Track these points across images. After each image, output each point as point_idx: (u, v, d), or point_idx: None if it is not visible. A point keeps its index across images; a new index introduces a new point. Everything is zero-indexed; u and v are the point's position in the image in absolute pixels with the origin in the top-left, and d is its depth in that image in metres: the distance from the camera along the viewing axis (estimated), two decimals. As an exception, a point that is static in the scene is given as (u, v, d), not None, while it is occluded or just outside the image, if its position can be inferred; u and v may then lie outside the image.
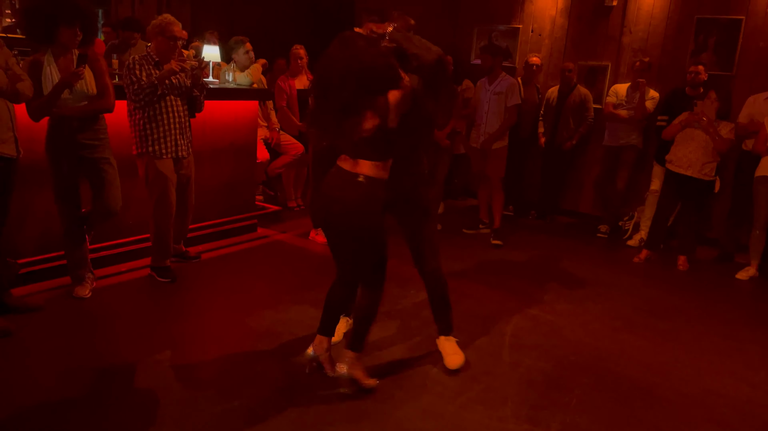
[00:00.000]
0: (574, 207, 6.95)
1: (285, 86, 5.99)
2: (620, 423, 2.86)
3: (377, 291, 2.97)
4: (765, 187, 4.96)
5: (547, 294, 4.48)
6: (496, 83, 5.59)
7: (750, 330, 4.11)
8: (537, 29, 6.95)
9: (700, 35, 5.98)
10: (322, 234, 5.24)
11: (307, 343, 3.41)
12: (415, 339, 3.58)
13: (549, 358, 3.47)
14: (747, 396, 3.22)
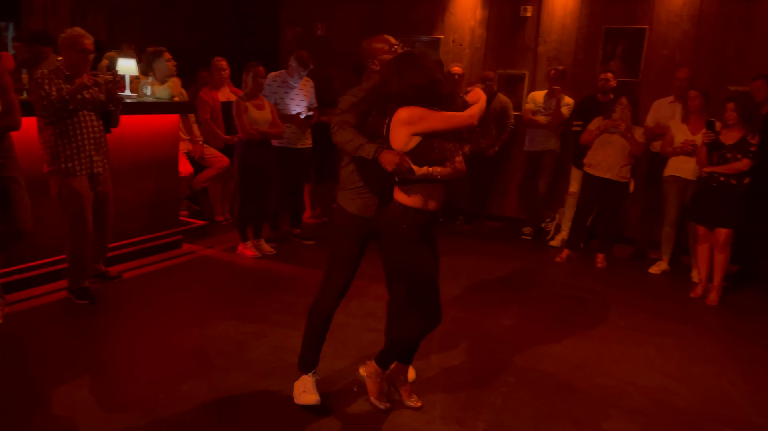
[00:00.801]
0: (499, 211, 7.16)
1: (208, 98, 5.89)
2: (542, 418, 2.97)
3: (431, 322, 2.86)
4: (673, 186, 5.27)
5: (474, 296, 4.59)
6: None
7: (663, 321, 4.34)
8: (458, 40, 7.14)
9: (608, 44, 6.32)
10: (250, 247, 5.20)
11: (235, 359, 3.37)
12: (344, 350, 3.58)
13: (475, 359, 3.56)
14: (659, 384, 3.40)
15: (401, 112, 2.59)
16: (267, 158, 5.13)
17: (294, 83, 5.49)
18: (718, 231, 4.68)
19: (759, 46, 5.68)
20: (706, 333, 4.21)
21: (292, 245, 5.63)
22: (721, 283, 4.78)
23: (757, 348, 3.99)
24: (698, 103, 5.04)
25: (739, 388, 3.42)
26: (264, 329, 3.78)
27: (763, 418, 3.11)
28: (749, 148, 4.53)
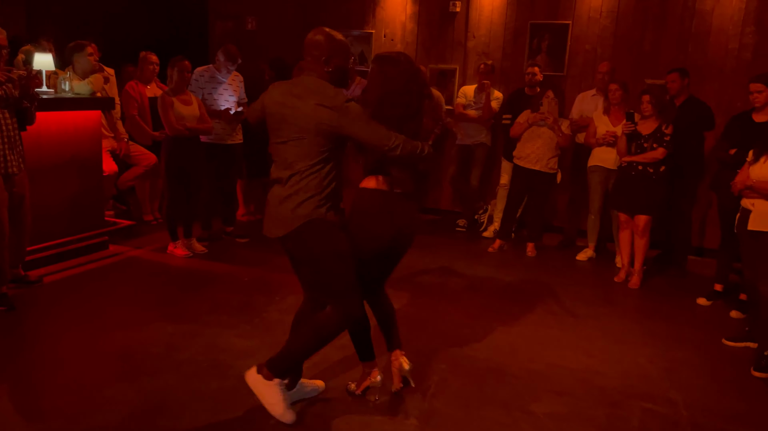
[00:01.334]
0: (435, 204, 7.26)
1: (135, 93, 5.70)
2: (473, 402, 3.04)
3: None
4: (597, 175, 5.48)
5: (409, 288, 4.64)
6: (352, 88, 5.71)
7: (588, 305, 4.52)
8: (389, 34, 7.18)
9: (534, 39, 6.50)
10: (181, 247, 5.08)
11: (164, 361, 3.29)
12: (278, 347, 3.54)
13: (409, 349, 3.57)
14: (585, 365, 3.54)
15: None
16: (195, 155, 5.01)
17: (222, 78, 5.39)
18: (638, 217, 4.91)
19: (672, 41, 5.98)
20: (628, 315, 4.41)
21: (224, 243, 5.53)
22: (642, 267, 5.02)
23: (675, 327, 4.22)
24: (618, 95, 5.26)
25: (658, 365, 3.60)
26: (195, 329, 3.70)
27: (680, 393, 3.29)
28: (664, 138, 4.77)
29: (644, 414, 3.06)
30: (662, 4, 5.99)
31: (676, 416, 3.06)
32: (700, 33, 5.88)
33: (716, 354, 3.84)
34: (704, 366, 3.65)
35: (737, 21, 5.74)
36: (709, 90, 5.75)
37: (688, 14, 5.90)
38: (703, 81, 5.75)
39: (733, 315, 4.45)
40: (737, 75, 5.75)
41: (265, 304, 4.16)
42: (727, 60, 5.80)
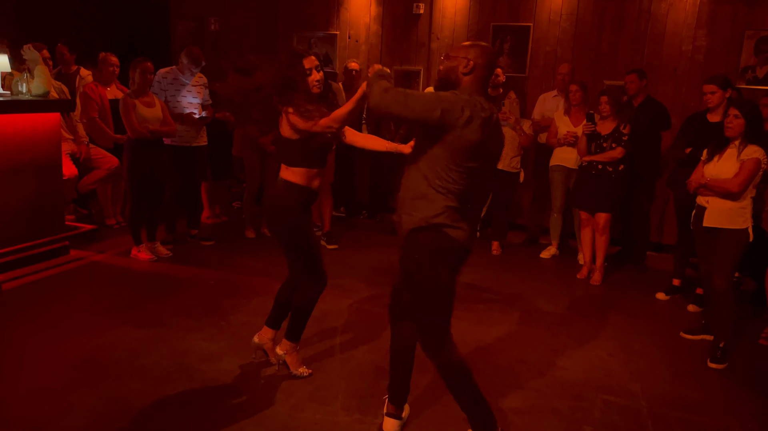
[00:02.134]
0: (401, 204, 7.29)
1: (94, 96, 5.59)
2: (440, 400, 3.07)
3: (314, 287, 3.15)
4: (558, 174, 5.60)
5: (377, 288, 4.66)
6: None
7: (552, 302, 4.62)
8: (353, 36, 7.20)
9: (497, 40, 6.60)
10: (144, 251, 5.00)
11: (129, 366, 3.24)
12: (245, 350, 3.54)
13: (378, 349, 3.63)
14: (548, 359, 3.63)
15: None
16: (159, 158, 4.95)
17: (186, 80, 5.33)
18: (598, 215, 5.04)
19: (628, 43, 6.15)
20: (590, 311, 4.52)
21: (189, 246, 5.47)
22: (603, 264, 5.14)
23: (635, 321, 4.34)
24: (578, 96, 5.38)
25: (619, 358, 3.71)
26: (160, 334, 3.66)
27: (640, 384, 3.39)
28: (622, 137, 4.90)
29: (605, 405, 3.14)
30: (619, 8, 6.16)
31: (636, 406, 3.16)
32: (655, 35, 6.06)
33: (674, 346, 3.96)
34: (663, 358, 3.76)
35: (690, 24, 5.93)
36: (664, 90, 5.93)
37: (643, 17, 6.08)
38: (658, 81, 5.93)
39: (690, 309, 4.60)
40: (690, 76, 5.94)
41: (231, 307, 4.13)
42: (681, 61, 5.99)
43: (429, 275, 2.49)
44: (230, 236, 5.85)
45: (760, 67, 5.70)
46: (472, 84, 2.45)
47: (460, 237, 2.47)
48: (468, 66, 2.44)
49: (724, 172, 3.71)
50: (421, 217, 2.44)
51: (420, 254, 2.47)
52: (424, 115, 2.31)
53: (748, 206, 3.70)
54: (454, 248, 2.48)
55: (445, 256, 2.48)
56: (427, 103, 2.32)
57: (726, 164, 3.72)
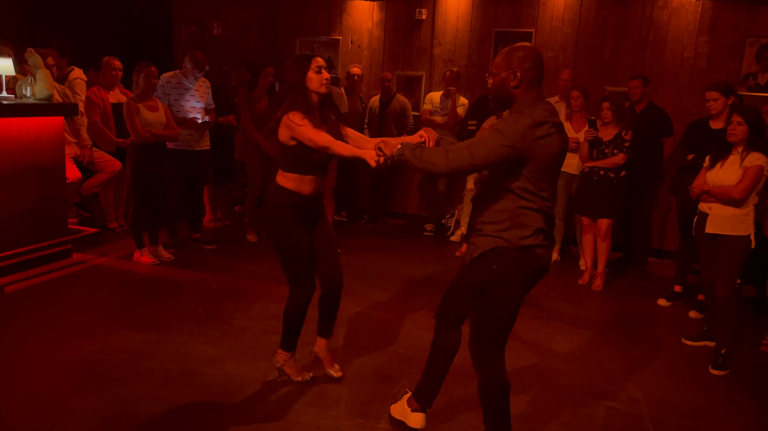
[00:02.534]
0: (402, 209, 7.31)
1: (97, 99, 5.62)
2: (443, 405, 3.07)
3: (299, 295, 3.13)
4: (560, 180, 5.59)
5: (378, 293, 4.67)
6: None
7: (553, 307, 4.62)
8: (356, 41, 7.22)
9: (499, 46, 6.61)
10: (147, 254, 5.01)
11: (131, 370, 3.25)
12: (247, 354, 3.54)
13: (379, 355, 3.63)
14: (550, 365, 3.63)
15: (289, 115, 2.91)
16: (162, 161, 4.96)
17: (189, 84, 5.34)
18: (600, 221, 5.04)
19: (630, 49, 6.17)
20: (591, 316, 4.52)
21: (191, 250, 5.47)
22: (604, 270, 5.15)
23: (636, 327, 4.34)
24: (580, 102, 5.40)
25: (620, 364, 3.71)
26: (162, 337, 3.66)
27: (641, 390, 3.39)
28: (624, 144, 4.91)
29: (608, 412, 3.15)
30: (621, 14, 6.18)
31: (638, 412, 3.16)
32: (656, 42, 6.08)
33: (676, 352, 3.96)
34: (664, 364, 3.76)
35: (692, 31, 5.95)
36: (666, 97, 5.95)
37: (645, 24, 6.10)
38: (659, 88, 5.94)
39: (692, 316, 4.60)
40: (692, 83, 5.96)
41: (233, 311, 4.14)
42: (683, 68, 6.01)
43: (504, 291, 2.42)
44: (232, 240, 5.86)
45: (761, 74, 5.72)
46: (526, 94, 2.35)
47: (545, 256, 2.43)
48: (516, 78, 2.34)
49: (727, 178, 3.71)
50: (509, 238, 2.36)
51: (500, 268, 2.39)
52: (497, 158, 2.27)
53: (751, 213, 3.71)
54: (537, 267, 2.43)
55: (525, 274, 2.42)
56: (493, 147, 2.26)
57: (729, 171, 3.72)
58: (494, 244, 2.39)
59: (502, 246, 2.38)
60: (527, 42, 2.85)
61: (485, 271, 2.43)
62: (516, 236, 2.36)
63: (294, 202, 3.01)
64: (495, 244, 2.39)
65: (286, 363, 3.21)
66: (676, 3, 5.98)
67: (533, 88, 2.37)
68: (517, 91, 2.37)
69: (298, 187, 3.00)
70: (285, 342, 3.20)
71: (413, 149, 2.43)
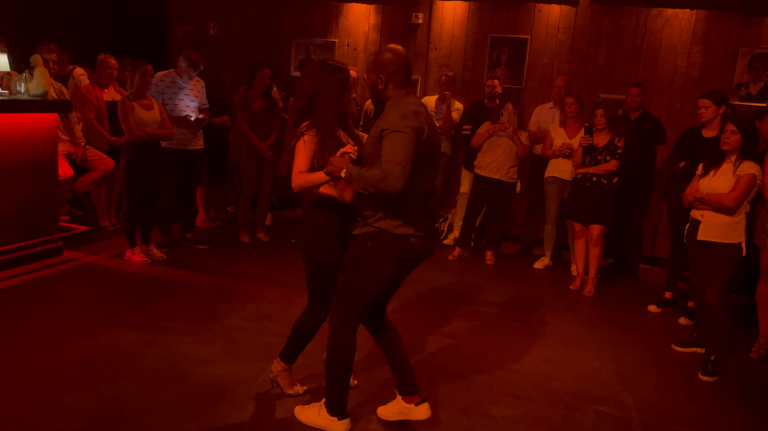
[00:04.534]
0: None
1: (92, 97, 5.60)
2: (432, 407, 3.07)
3: (318, 316, 2.97)
4: (553, 186, 5.64)
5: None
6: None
7: (545, 312, 4.64)
8: (352, 44, 7.24)
9: (494, 52, 6.65)
10: (139, 253, 4.99)
11: (123, 368, 3.24)
12: (239, 354, 3.54)
13: (372, 357, 3.61)
14: (541, 369, 3.64)
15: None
16: (155, 160, 4.95)
17: (183, 83, 5.34)
18: (592, 227, 5.07)
19: (624, 57, 6.22)
20: (583, 321, 4.54)
21: (183, 250, 5.45)
22: (596, 275, 5.17)
23: (627, 332, 4.37)
24: (574, 108, 5.43)
25: (610, 369, 3.73)
26: (154, 336, 3.64)
27: (631, 395, 3.41)
28: (617, 150, 4.95)
29: (597, 416, 3.16)
30: (616, 22, 6.23)
31: (628, 417, 3.18)
32: (650, 51, 6.13)
33: (666, 358, 3.99)
34: (654, 370, 3.79)
35: (686, 40, 6.01)
36: (659, 105, 6.00)
37: (639, 32, 6.15)
38: (653, 96, 5.99)
39: (682, 322, 4.63)
40: (685, 92, 6.01)
41: (226, 311, 4.13)
42: (676, 77, 6.06)
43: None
44: (225, 241, 5.84)
45: (753, 84, 5.78)
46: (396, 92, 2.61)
47: (419, 245, 2.72)
48: (382, 81, 2.60)
49: (719, 186, 3.74)
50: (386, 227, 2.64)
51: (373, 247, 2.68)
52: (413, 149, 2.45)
53: (742, 221, 3.74)
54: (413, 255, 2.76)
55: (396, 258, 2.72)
56: (409, 143, 2.43)
57: (722, 179, 3.75)
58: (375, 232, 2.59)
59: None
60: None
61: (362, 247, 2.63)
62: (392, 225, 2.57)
63: (337, 214, 2.80)
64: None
65: (280, 374, 3.08)
66: (670, 13, 6.04)
67: (401, 87, 2.60)
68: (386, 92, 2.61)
69: (338, 193, 2.75)
70: (285, 354, 3.05)
71: (358, 175, 2.51)
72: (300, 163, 2.73)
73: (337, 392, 2.78)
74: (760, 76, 5.76)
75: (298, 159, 2.74)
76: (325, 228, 2.81)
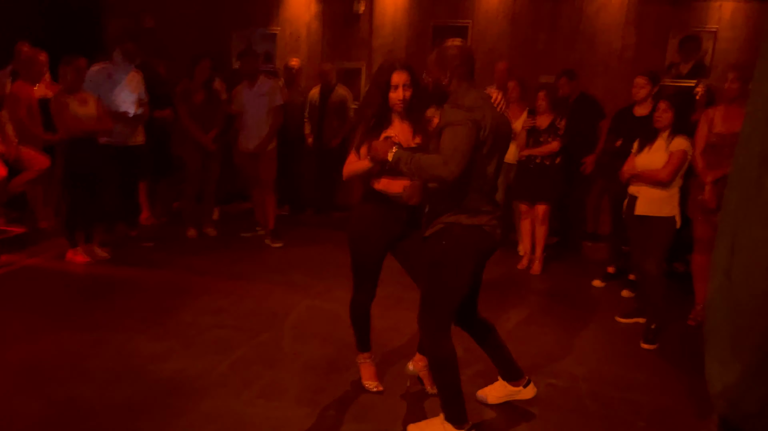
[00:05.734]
0: (347, 201, 7.31)
1: (22, 95, 5.35)
2: (392, 391, 3.13)
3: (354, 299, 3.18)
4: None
5: (326, 284, 4.68)
6: (257, 86, 5.65)
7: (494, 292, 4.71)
8: (294, 33, 7.17)
9: (437, 39, 6.71)
10: (81, 253, 4.84)
11: (73, 370, 3.15)
12: (194, 348, 3.49)
13: (328, 344, 3.65)
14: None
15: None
16: (95, 157, 4.80)
17: (120, 76, 5.18)
18: (537, 206, 5.21)
19: (563, 41, 6.39)
20: (531, 299, 4.68)
21: (129, 248, 5.31)
22: (542, 254, 5.33)
23: (573, 307, 4.53)
24: (516, 93, 5.55)
25: (561, 344, 3.86)
26: (103, 336, 3.55)
27: (579, 367, 3.55)
28: (558, 131, 5.09)
29: (549, 388, 3.27)
30: (554, 7, 6.38)
31: (577, 388, 3.31)
32: (587, 34, 6.32)
33: (611, 330, 4.16)
34: (600, 341, 3.95)
35: (620, 23, 6.21)
36: (597, 86, 6.19)
37: (576, 16, 6.32)
38: (592, 78, 6.18)
39: (624, 294, 4.83)
40: (620, 73, 6.22)
41: (177, 307, 4.06)
42: (612, 59, 6.27)
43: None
44: (171, 237, 5.72)
45: (683, 64, 6.03)
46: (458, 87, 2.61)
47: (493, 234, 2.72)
48: (447, 77, 2.61)
49: (654, 162, 3.91)
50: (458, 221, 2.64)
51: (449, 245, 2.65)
52: (472, 142, 2.44)
53: (676, 195, 3.92)
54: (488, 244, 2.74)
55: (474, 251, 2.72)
56: (469, 135, 2.42)
57: (656, 155, 3.92)
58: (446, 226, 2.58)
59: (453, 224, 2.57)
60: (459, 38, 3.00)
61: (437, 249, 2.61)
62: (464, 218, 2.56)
63: (385, 206, 2.84)
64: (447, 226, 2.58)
65: (364, 362, 3.19)
66: (604, -3, 6.24)
67: (464, 80, 2.60)
68: (450, 87, 2.60)
69: (406, 197, 2.79)
70: (357, 342, 3.21)
71: (409, 158, 2.51)
72: (351, 154, 2.81)
73: (454, 401, 2.69)
74: (689, 56, 6.02)
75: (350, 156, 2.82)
76: (371, 220, 2.86)
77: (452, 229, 2.58)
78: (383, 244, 2.93)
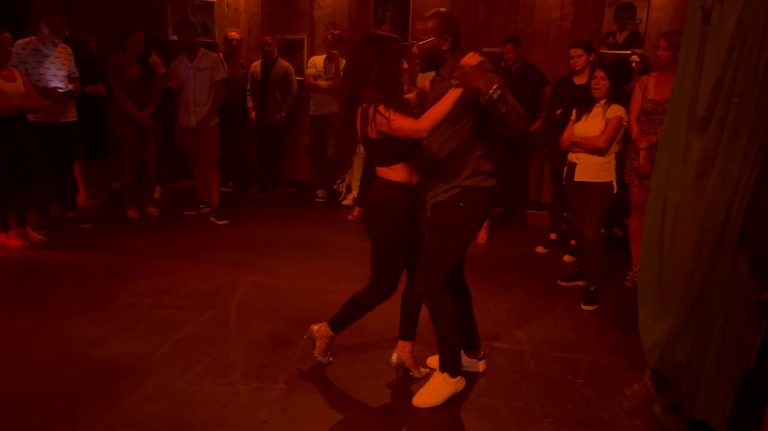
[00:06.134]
0: (293, 177, 7.24)
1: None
2: (339, 363, 3.15)
3: (378, 294, 3.02)
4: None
5: (271, 260, 4.64)
6: (197, 60, 5.48)
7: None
8: (232, 4, 6.96)
9: (378, 9, 6.64)
10: (14, 237, 4.64)
11: (9, 357, 3.04)
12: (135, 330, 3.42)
13: (274, 319, 3.64)
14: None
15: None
16: (24, 136, 4.58)
17: (48, 51, 4.92)
18: (482, 176, 5.28)
19: (503, 11, 6.42)
20: (477, 267, 4.75)
21: (66, 230, 5.13)
22: (488, 224, 5.41)
23: (518, 274, 4.64)
24: (458, 63, 5.55)
25: (503, 308, 3.96)
26: (40, 322, 3.44)
27: (522, 330, 3.66)
28: (500, 101, 5.13)
29: (494, 351, 3.36)
30: (494, -23, 6.39)
31: (520, 350, 3.41)
32: (526, 4, 6.36)
33: (553, 293, 4.28)
34: (543, 305, 4.06)
35: (558, -7, 6.28)
36: (537, 56, 6.26)
37: (515, -14, 6.35)
38: (531, 48, 6.24)
39: (566, 259, 4.97)
40: (559, 42, 6.31)
41: (116, 290, 3.95)
42: (551, 29, 6.35)
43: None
44: (111, 218, 5.55)
45: (620, 33, 6.16)
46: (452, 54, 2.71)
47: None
48: (447, 42, 2.69)
49: (591, 130, 4.00)
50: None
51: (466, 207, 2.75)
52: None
53: (613, 161, 4.03)
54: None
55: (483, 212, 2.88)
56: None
57: (593, 123, 4.02)
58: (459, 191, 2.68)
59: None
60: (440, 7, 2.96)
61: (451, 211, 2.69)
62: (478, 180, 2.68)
63: (407, 196, 2.75)
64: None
65: (322, 338, 3.08)
66: (543, -34, 6.27)
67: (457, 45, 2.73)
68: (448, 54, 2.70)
69: (408, 177, 2.73)
70: (335, 323, 3.06)
71: (507, 101, 2.60)
72: (404, 117, 2.61)
73: (454, 351, 2.87)
74: (625, 25, 6.14)
75: (399, 118, 2.58)
76: (393, 210, 2.78)
77: (469, 192, 2.67)
78: (408, 232, 2.85)
